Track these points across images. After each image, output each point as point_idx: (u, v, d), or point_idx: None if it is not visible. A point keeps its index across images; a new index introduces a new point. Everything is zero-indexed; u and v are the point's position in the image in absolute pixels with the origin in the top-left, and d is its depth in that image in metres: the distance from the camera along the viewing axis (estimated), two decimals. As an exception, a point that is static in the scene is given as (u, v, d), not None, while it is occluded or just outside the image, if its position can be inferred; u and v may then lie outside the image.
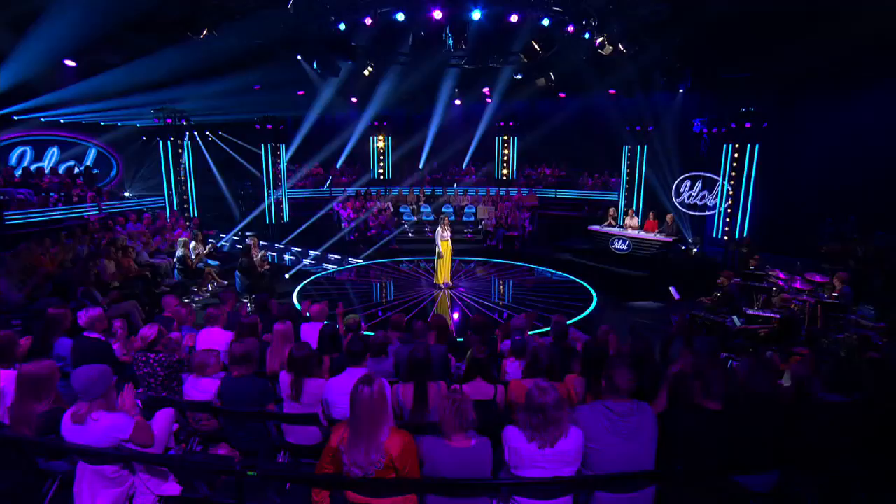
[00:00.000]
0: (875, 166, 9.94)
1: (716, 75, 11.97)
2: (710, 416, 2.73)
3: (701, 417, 2.74)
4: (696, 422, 2.73)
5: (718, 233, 12.54)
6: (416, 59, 11.25)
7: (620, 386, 2.76)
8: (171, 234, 10.62)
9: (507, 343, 5.27)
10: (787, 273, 8.27)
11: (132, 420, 2.75)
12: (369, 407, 2.56)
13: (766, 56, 10.19)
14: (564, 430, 2.58)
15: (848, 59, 9.54)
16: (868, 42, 8.73)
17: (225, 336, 5.04)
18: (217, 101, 12.69)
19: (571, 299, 9.94)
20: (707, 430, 2.70)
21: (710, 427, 2.70)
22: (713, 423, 2.71)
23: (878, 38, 8.50)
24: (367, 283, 11.28)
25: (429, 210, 15.77)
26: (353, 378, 3.64)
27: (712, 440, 2.69)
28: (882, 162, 9.94)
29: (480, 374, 3.70)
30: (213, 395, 3.73)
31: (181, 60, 9.55)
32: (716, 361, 3.15)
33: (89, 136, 15.06)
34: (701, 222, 13.47)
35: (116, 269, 7.77)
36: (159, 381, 3.70)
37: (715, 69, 11.70)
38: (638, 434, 2.70)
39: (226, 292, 6.50)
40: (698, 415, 2.76)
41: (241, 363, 3.71)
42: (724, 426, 2.70)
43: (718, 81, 12.23)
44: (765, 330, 7.48)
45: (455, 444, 2.63)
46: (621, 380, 2.76)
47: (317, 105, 14.23)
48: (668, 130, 13.61)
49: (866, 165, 10.04)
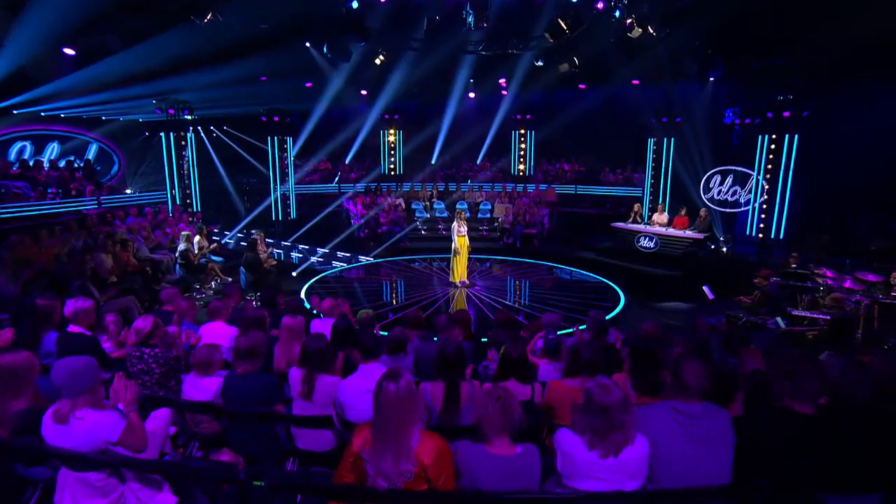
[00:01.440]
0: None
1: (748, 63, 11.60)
2: (802, 422, 2.36)
3: (790, 423, 2.38)
4: (785, 428, 2.37)
5: (753, 230, 12.09)
6: (430, 44, 10.98)
7: (690, 384, 2.41)
8: (174, 229, 10.40)
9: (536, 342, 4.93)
10: (836, 271, 7.85)
11: (123, 420, 2.45)
12: (397, 406, 2.24)
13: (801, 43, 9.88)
14: (630, 437, 2.24)
15: (891, 44, 9.13)
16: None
17: (229, 331, 4.79)
18: (221, 91, 12.51)
19: (597, 299, 9.57)
20: (798, 437, 2.33)
21: (801, 434, 2.34)
22: (806, 429, 2.34)
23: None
24: (377, 281, 11.01)
25: (442, 206, 15.49)
26: (368, 376, 3.35)
27: (804, 450, 2.33)
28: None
29: (515, 373, 3.36)
30: (215, 395, 3.45)
31: (183, 47, 9.36)
32: (807, 359, 2.77)
33: (90, 131, 15.00)
34: (731, 220, 13.05)
35: (114, 264, 7.54)
36: (155, 378, 3.41)
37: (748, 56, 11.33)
38: (712, 441, 2.35)
39: (230, 286, 6.24)
40: (787, 420, 2.39)
41: (247, 358, 3.42)
42: (820, 434, 2.34)
43: (750, 70, 11.85)
44: (813, 332, 7.09)
45: (497, 451, 2.29)
46: (692, 376, 2.41)
47: (325, 97, 14.06)
48: (696, 122, 13.21)
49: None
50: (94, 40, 8.47)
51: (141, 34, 8.55)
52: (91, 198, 11.24)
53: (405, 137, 17.58)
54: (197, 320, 5.34)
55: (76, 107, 12.63)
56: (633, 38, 9.14)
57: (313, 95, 14.25)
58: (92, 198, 11.18)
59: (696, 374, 2.40)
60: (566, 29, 7.92)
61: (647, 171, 14.37)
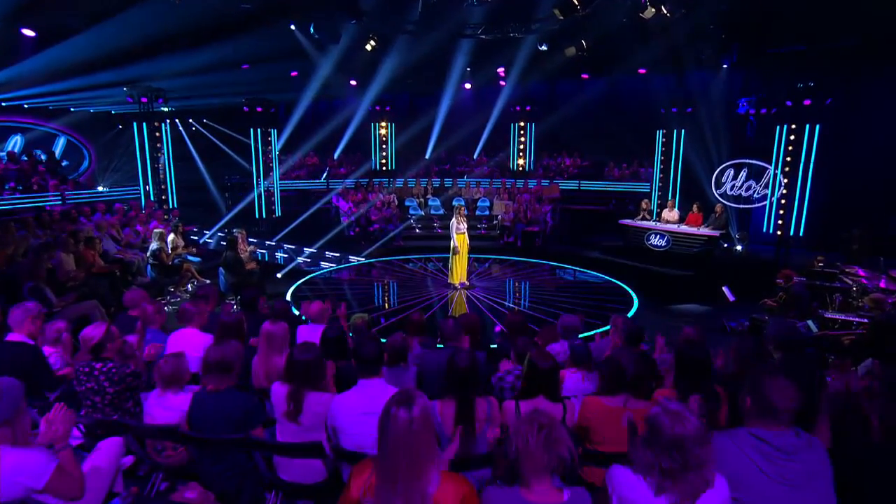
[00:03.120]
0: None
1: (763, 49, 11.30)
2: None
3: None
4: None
5: (770, 228, 11.76)
6: (425, 27, 10.55)
7: (779, 406, 1.98)
8: (146, 227, 9.86)
9: (553, 347, 4.50)
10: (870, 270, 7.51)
11: (53, 459, 1.98)
12: (408, 440, 1.79)
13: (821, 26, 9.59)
14: (710, 478, 1.80)
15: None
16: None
17: (202, 339, 4.33)
18: (199, 79, 12.00)
19: (608, 301, 9.17)
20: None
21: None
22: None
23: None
24: (369, 283, 10.56)
25: (437, 203, 15.10)
26: (367, 394, 2.89)
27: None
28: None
29: (543, 389, 2.92)
30: (185, 415, 2.98)
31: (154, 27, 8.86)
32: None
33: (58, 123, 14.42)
34: (746, 216, 12.74)
35: (77, 265, 7.01)
36: (107, 399, 2.92)
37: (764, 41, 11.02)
38: (811, 480, 1.92)
39: (207, 287, 5.74)
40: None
41: (218, 372, 2.96)
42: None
43: (767, 56, 11.54)
44: (850, 337, 6.71)
45: (538, 499, 1.83)
46: (780, 397, 1.98)
47: (312, 86, 13.60)
48: (708, 112, 12.88)
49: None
50: (53, 19, 7.92)
51: (103, 12, 8.01)
52: (54, 193, 10.66)
53: (397, 130, 17.24)
54: (166, 327, 4.86)
55: (40, 96, 12.05)
56: (645, 18, 8.81)
57: (299, 85, 13.85)
58: (55, 193, 10.61)
59: (785, 394, 1.98)
60: (577, 4, 7.53)
61: (655, 166, 14.02)
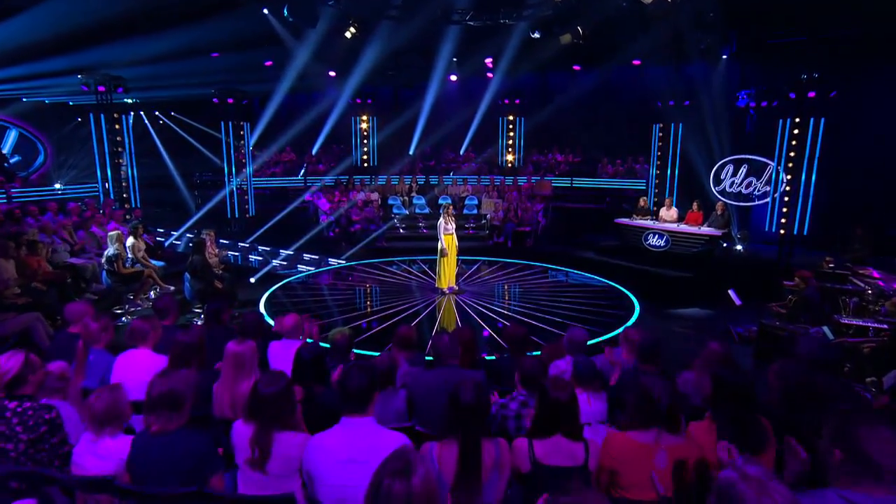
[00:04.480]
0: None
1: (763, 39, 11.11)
2: None
3: None
4: None
5: (772, 226, 11.58)
6: (409, 12, 10.13)
7: (883, 464, 1.58)
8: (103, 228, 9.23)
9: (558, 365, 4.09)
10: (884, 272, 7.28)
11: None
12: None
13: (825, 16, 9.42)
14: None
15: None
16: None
17: (156, 362, 3.80)
18: (163, 67, 11.39)
19: (606, 306, 8.82)
20: None
21: None
22: None
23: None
24: (350, 287, 10.07)
25: (423, 202, 14.72)
26: (350, 436, 2.41)
27: None
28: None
29: (562, 426, 2.49)
30: (121, 464, 2.50)
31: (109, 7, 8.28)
32: None
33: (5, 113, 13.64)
34: (746, 214, 12.57)
35: (18, 272, 6.41)
36: (21, 449, 2.41)
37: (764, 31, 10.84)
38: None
39: (165, 299, 5.18)
40: None
41: (164, 410, 2.48)
42: None
43: (767, 47, 11.35)
44: (869, 344, 6.45)
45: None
46: (885, 452, 1.58)
47: (288, 77, 13.10)
48: (706, 106, 12.69)
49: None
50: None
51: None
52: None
53: (379, 124, 16.90)
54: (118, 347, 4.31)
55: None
56: (645, 4, 8.52)
57: (274, 75, 13.41)
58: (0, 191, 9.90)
59: (891, 449, 1.57)
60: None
61: (651, 161, 13.78)
